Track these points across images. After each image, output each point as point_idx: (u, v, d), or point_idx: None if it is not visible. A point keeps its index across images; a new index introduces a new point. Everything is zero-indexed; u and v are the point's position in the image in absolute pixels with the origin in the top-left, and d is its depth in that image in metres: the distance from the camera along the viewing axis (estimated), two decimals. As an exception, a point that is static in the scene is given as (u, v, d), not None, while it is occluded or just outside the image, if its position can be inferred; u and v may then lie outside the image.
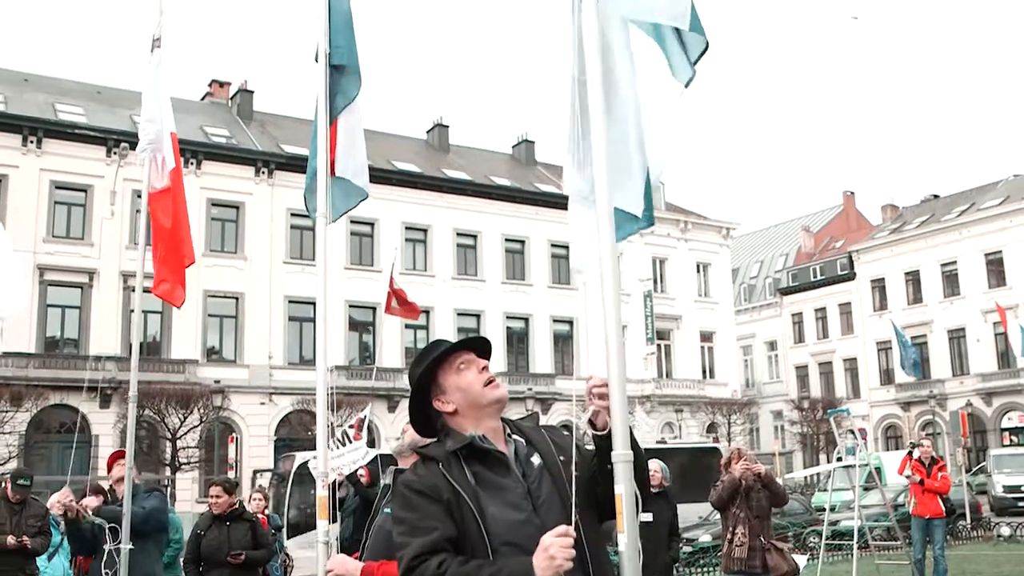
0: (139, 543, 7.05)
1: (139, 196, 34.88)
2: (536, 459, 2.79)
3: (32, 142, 34.14)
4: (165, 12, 7.66)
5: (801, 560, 10.24)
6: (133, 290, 7.40)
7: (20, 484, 8.72)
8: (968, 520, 22.06)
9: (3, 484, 8.97)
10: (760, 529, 8.89)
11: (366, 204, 6.22)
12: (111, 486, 7.34)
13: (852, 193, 68.50)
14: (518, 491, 2.70)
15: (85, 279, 34.03)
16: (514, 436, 2.85)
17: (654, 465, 9.03)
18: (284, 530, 16.29)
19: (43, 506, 9.19)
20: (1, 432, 29.28)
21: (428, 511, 2.61)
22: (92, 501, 7.15)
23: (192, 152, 35.89)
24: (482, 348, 2.96)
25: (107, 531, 6.93)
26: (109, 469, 7.47)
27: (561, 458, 2.77)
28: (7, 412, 29.62)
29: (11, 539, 8.41)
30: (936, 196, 59.41)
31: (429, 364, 2.87)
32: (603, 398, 2.71)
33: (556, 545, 2.46)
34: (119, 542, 6.77)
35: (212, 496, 8.02)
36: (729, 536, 9.00)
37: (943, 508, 13.72)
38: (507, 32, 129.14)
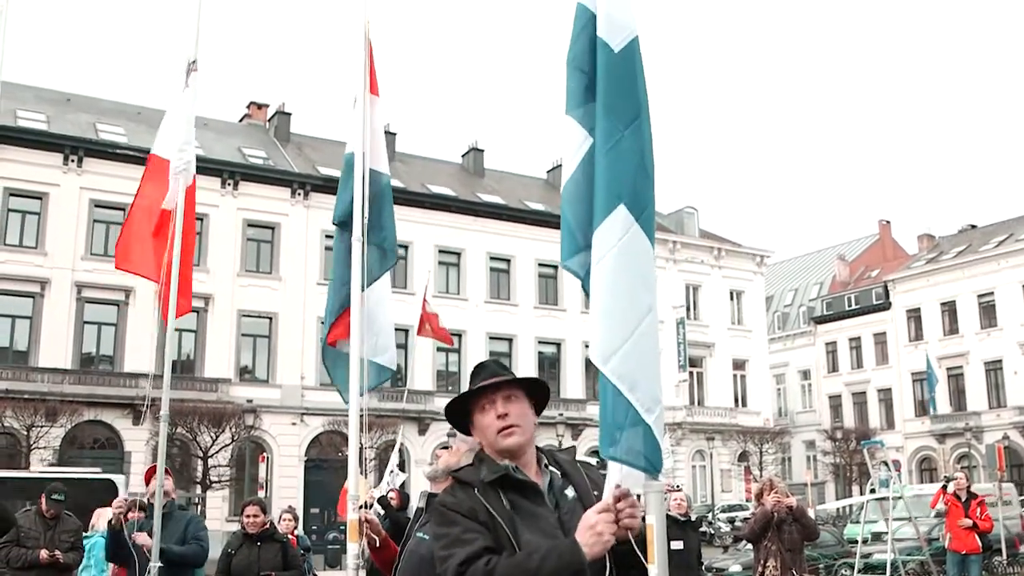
0: (178, 569, 7.12)
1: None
2: (571, 492, 2.87)
3: (73, 161, 34.64)
4: (202, 35, 7.72)
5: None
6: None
7: (55, 499, 8.79)
8: (1004, 556, 21.65)
9: (38, 499, 9.06)
10: (792, 562, 8.82)
11: (400, 226, 6.19)
12: (148, 500, 7.38)
13: (888, 222, 67.91)
14: (551, 520, 2.77)
15: (122, 296, 34.37)
16: (550, 467, 2.93)
17: (680, 494, 9.04)
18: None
19: (76, 522, 9.26)
20: (36, 447, 29.60)
21: (468, 526, 2.69)
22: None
23: (229, 173, 36.30)
24: (531, 387, 3.00)
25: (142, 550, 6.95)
26: (146, 482, 7.52)
27: (595, 492, 2.82)
28: (42, 427, 29.95)
29: (44, 553, 8.48)
30: (973, 226, 58.74)
31: (460, 398, 2.99)
32: (632, 517, 2.60)
33: (602, 521, 2.53)
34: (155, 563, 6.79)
35: (249, 515, 7.97)
36: (761, 569, 8.94)
37: (979, 543, 13.51)
38: (543, 58, 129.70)
